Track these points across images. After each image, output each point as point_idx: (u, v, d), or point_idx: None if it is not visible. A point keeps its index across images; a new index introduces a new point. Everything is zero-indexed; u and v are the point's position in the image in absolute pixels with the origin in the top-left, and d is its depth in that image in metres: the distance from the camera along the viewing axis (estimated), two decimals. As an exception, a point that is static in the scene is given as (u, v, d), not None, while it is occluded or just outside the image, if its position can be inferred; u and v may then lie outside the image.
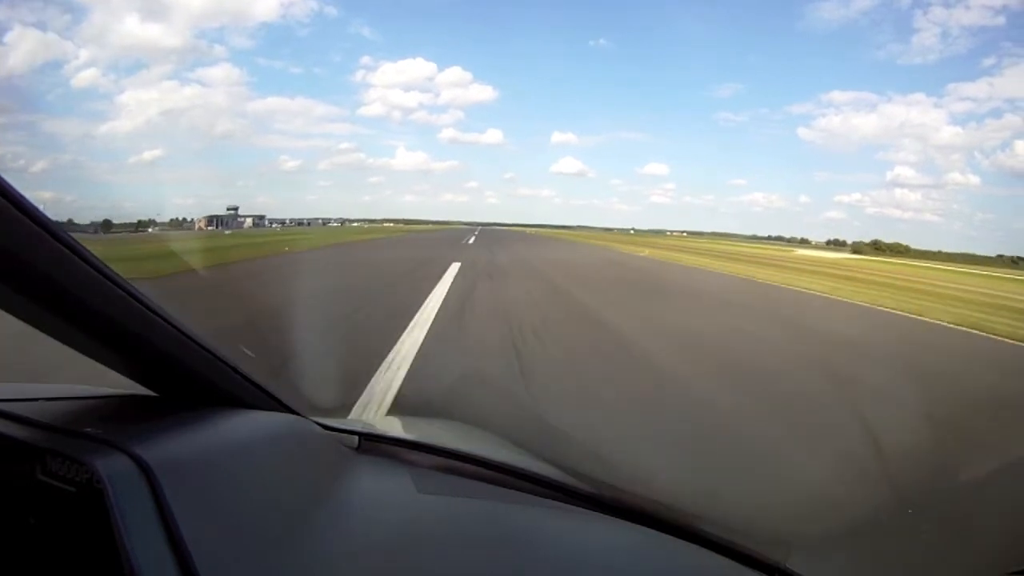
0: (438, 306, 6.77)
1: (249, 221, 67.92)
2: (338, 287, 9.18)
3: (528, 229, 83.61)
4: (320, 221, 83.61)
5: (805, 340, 6.66)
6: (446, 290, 8.27)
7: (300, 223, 77.61)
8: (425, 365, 4.13)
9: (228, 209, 66.74)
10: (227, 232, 43.36)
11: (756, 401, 3.94)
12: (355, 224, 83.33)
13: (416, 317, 5.93)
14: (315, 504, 0.73)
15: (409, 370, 3.95)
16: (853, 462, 2.94)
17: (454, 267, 11.95)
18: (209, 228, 54.38)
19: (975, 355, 6.61)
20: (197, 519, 0.58)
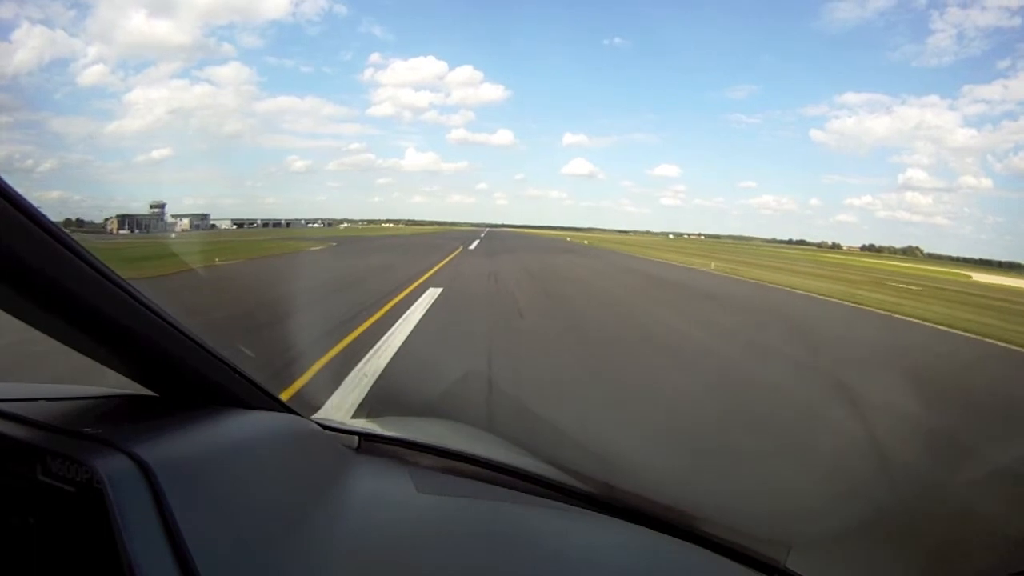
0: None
1: (185, 222, 55.83)
2: None
3: (566, 235, 63.50)
4: (303, 222, 78.53)
5: None
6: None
7: (277, 224, 69.90)
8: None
9: (152, 207, 53.77)
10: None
11: None
12: (343, 226, 79.60)
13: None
14: (315, 504, 0.73)
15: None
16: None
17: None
18: (121, 232, 43.45)
19: None
20: (197, 519, 0.58)
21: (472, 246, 25.59)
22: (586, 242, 44.62)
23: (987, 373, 6.33)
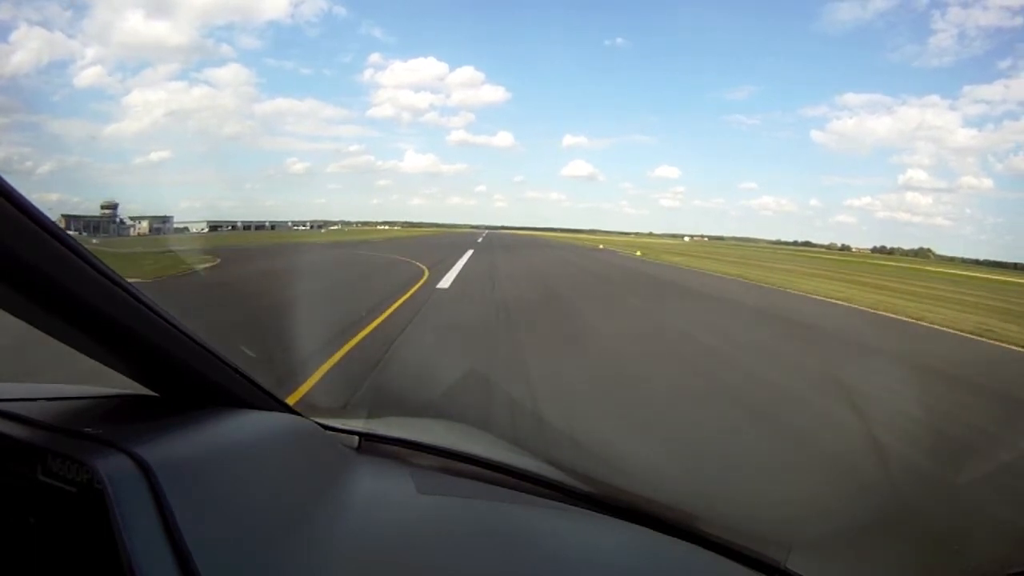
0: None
1: (143, 225, 51.06)
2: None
3: (597, 242, 50.38)
4: (289, 223, 75.49)
5: None
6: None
7: (260, 226, 66.05)
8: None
9: (103, 208, 49.40)
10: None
11: None
12: (324, 229, 76.48)
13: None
14: (315, 504, 0.73)
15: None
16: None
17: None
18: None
19: None
20: (197, 519, 0.58)
21: (446, 283, 10.64)
22: (639, 253, 29.51)
23: None
